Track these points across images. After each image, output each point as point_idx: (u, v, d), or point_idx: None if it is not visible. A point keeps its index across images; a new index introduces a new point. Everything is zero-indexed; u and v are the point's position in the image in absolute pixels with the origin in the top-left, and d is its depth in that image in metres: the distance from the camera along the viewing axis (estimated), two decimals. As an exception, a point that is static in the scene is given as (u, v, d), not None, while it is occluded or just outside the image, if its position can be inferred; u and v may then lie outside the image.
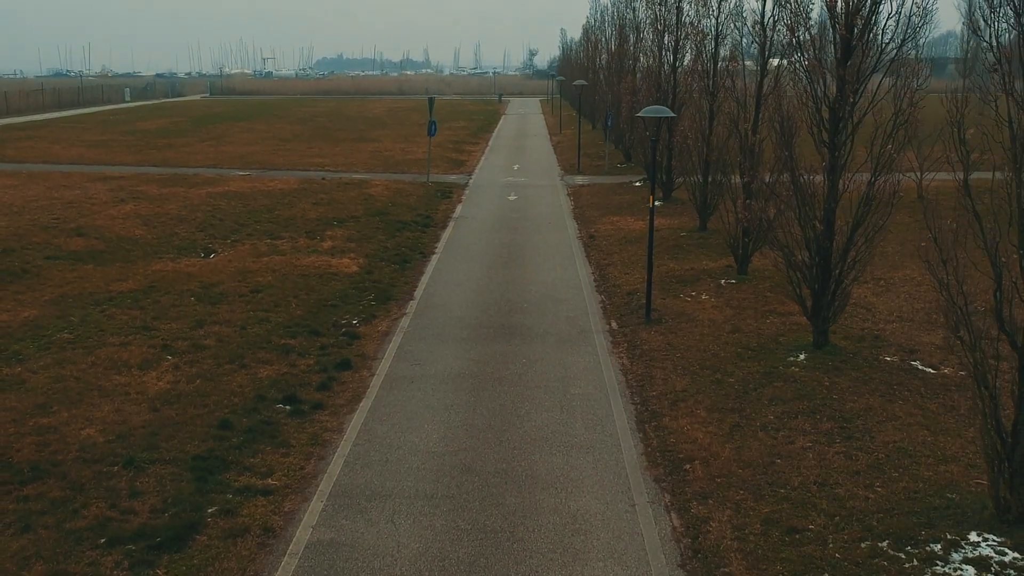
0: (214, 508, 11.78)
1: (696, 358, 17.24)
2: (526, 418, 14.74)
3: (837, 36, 15.60)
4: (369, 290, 22.82)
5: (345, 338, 18.95)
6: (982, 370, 10.62)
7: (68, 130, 64.96)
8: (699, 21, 27.86)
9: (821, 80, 15.98)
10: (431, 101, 43.10)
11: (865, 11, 15.24)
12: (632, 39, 46.68)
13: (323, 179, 42.22)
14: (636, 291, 22.27)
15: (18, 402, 14.87)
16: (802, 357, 16.77)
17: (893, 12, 15.42)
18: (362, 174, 44.73)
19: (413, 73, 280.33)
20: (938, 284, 11.19)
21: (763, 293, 21.35)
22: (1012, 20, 10.47)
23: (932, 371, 16.32)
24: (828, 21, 15.82)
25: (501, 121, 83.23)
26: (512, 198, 38.03)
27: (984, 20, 10.74)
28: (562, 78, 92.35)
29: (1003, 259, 10.58)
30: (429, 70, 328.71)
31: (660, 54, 33.87)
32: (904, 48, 15.62)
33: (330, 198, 36.33)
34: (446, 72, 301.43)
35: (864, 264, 16.94)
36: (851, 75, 15.66)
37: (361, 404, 15.40)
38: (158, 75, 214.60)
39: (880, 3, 15.32)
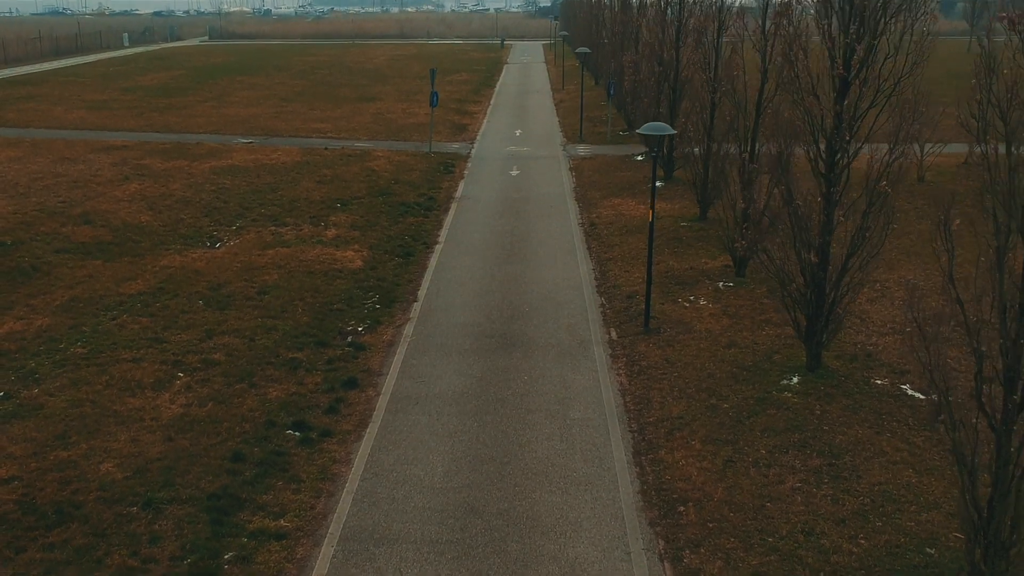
0: (230, 554, 12.41)
1: (693, 378, 17.75)
2: (527, 448, 15.30)
3: (835, 74, 15.77)
4: (373, 290, 23.26)
5: (351, 349, 19.45)
6: (961, 449, 11.10)
7: (68, 87, 64.66)
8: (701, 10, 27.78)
9: (818, 114, 16.19)
10: (432, 73, 42.98)
11: (861, 52, 15.38)
12: (636, 4, 46.33)
13: (325, 149, 42.30)
14: (636, 293, 22.69)
15: (38, 431, 15.44)
16: (795, 381, 17.28)
17: (890, 53, 15.57)
18: (364, 142, 44.79)
19: (414, 10, 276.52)
20: (921, 365, 11.56)
21: (760, 299, 21.76)
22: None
23: (921, 397, 16.83)
24: (827, 56, 15.97)
25: (503, 72, 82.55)
26: (514, 173, 38.18)
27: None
28: (564, 33, 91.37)
29: (984, 347, 10.93)
30: (430, 6, 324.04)
31: (663, 32, 33.71)
32: (900, 85, 15.79)
33: (333, 174, 36.52)
34: (447, 8, 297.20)
35: (858, 291, 17.35)
36: (848, 112, 15.88)
37: (368, 430, 15.96)
38: (156, 14, 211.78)
39: (875, 48, 15.46)
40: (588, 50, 50.78)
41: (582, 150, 43.68)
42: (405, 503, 13.72)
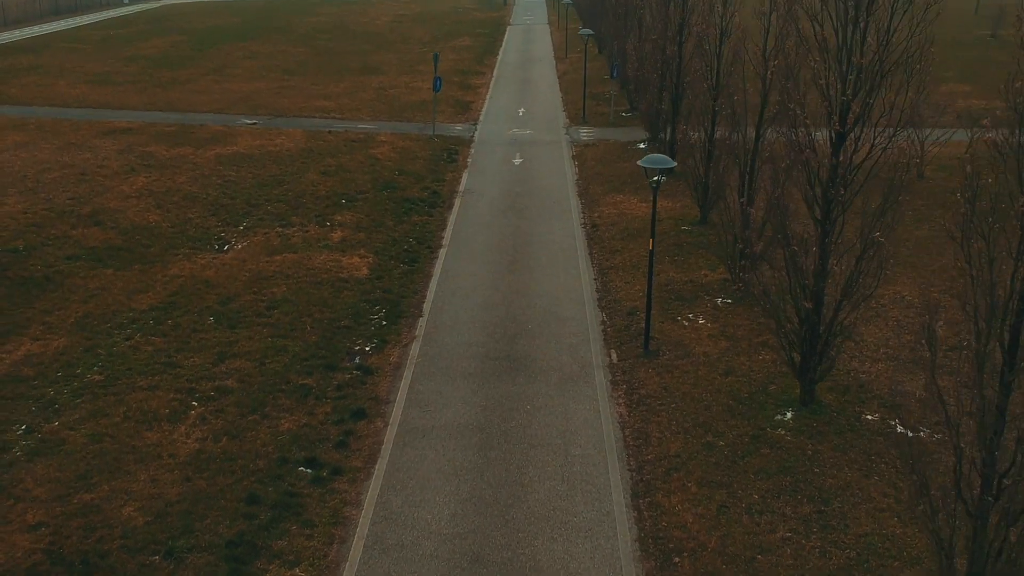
0: (249, 608, 13.13)
1: (690, 410, 18.36)
2: (530, 489, 15.97)
3: (832, 129, 16.12)
4: (379, 303, 23.79)
5: (359, 373, 20.05)
6: (939, 537, 11.70)
7: (70, 55, 64.31)
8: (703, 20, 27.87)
9: (815, 165, 16.57)
10: (436, 57, 43.06)
11: (858, 110, 15.73)
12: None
13: (329, 133, 42.48)
14: (636, 309, 23.20)
15: (61, 471, 16.10)
16: (789, 416, 17.88)
17: (886, 112, 15.92)
18: (367, 123, 44.94)
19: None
20: (902, 461, 12.15)
21: (757, 318, 22.25)
22: None
23: (910, 433, 17.41)
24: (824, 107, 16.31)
25: (506, 36, 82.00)
26: (517, 162, 38.43)
27: None
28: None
29: (963, 444, 11.49)
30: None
31: (665, 27, 33.73)
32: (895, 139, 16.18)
33: (337, 164, 36.79)
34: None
35: (851, 332, 17.88)
36: (844, 164, 16.26)
37: (377, 466, 16.63)
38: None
39: (872, 106, 15.80)
40: (592, 32, 50.55)
41: (585, 134, 43.83)
42: (413, 550, 14.42)
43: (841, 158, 16.16)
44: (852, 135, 16.13)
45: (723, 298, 23.70)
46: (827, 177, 16.49)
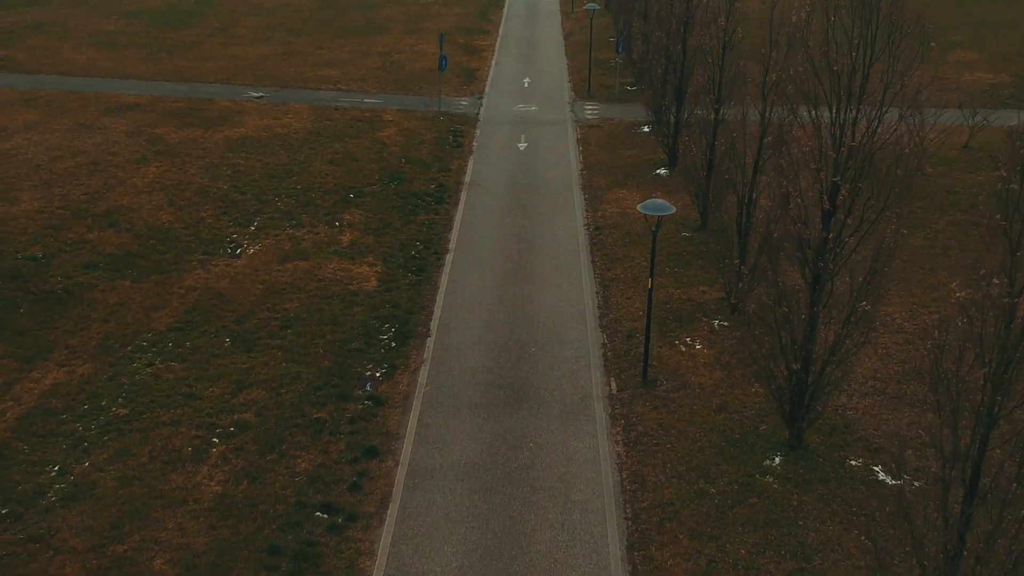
0: (274, 669, 14.35)
1: (684, 452, 19.39)
2: (532, 538, 17.09)
3: (822, 207, 16.79)
4: (388, 320, 24.68)
5: (370, 403, 21.07)
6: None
7: (73, 11, 63.87)
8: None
9: (807, 237, 17.27)
10: (441, 37, 43.17)
11: (845, 192, 16.39)
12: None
13: (336, 110, 42.80)
14: (635, 331, 24.08)
15: (94, 519, 17.22)
16: (777, 462, 18.91)
17: (873, 194, 16.57)
18: (373, 98, 45.22)
19: None
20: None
21: (751, 343, 23.14)
22: None
23: (890, 482, 18.47)
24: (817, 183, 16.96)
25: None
26: (522, 147, 38.91)
27: None
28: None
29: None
30: None
31: (671, 23, 33.85)
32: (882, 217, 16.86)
33: (345, 151, 37.26)
34: None
35: (837, 386, 18.82)
36: (833, 238, 16.97)
37: (389, 511, 17.74)
38: None
39: (859, 189, 16.44)
40: (597, 6, 50.30)
41: (589, 111, 44.11)
42: (424, 606, 15.60)
43: (831, 234, 16.86)
44: (842, 211, 16.81)
45: (720, 320, 24.55)
46: (815, 252, 17.22)
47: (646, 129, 40.27)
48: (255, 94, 45.36)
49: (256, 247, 28.78)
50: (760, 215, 22.63)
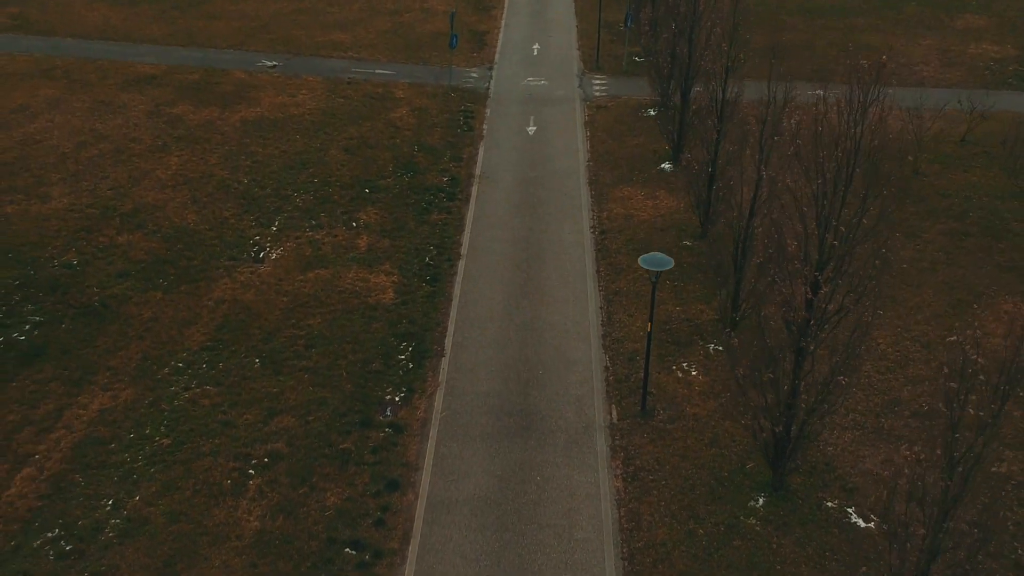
0: None
1: (677, 489, 21.36)
2: (539, 577, 19.25)
3: (805, 295, 18.33)
4: (405, 336, 26.41)
5: (391, 432, 22.98)
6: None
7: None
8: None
9: (792, 319, 18.86)
10: (452, 16, 43.69)
11: (823, 281, 17.93)
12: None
13: (348, 84, 43.69)
14: (636, 353, 25.83)
15: (149, 556, 19.29)
16: (760, 503, 20.88)
17: (852, 288, 18.08)
18: (385, 68, 46.03)
19: None
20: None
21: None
22: None
23: (862, 524, 20.46)
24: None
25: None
26: (531, 131, 40.01)
27: None
28: None
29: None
30: None
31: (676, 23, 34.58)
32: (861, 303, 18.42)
33: (360, 137, 38.36)
34: None
35: (814, 439, 20.67)
36: (816, 316, 18.56)
37: (410, 548, 19.81)
38: None
39: (839, 278, 17.95)
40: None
41: (598, 87, 44.94)
42: (443, 646, 17.79)
43: (812, 320, 18.46)
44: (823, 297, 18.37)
45: (715, 345, 26.25)
46: (799, 331, 18.83)
47: (652, 112, 41.22)
48: (268, 63, 46.11)
49: (278, 251, 30.32)
50: (757, 240, 24.02)
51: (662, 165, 36.64)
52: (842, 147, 17.58)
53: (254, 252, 30.26)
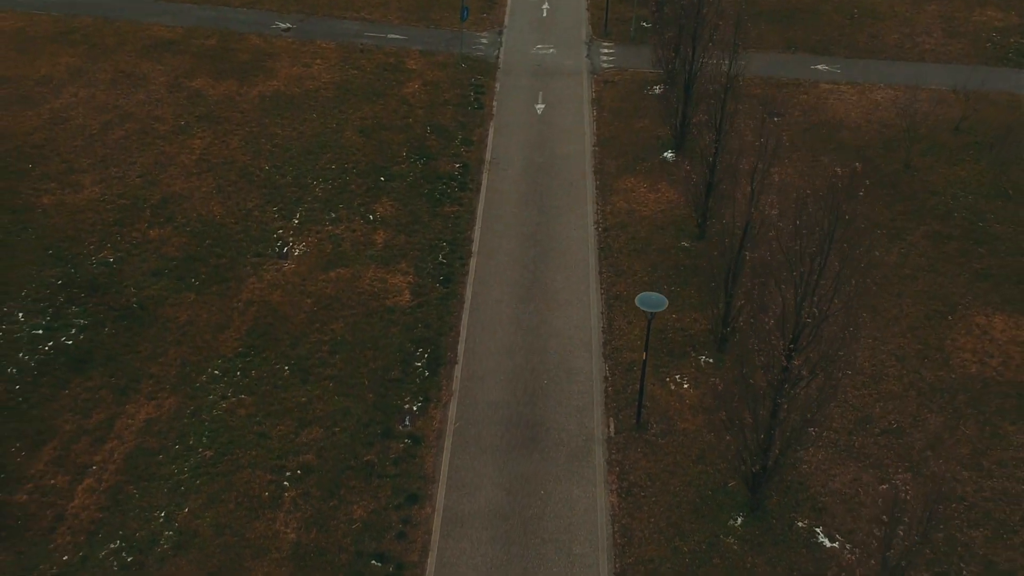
0: None
1: (666, 506, 23.96)
2: (541, 592, 22.02)
3: (780, 365, 20.47)
4: (421, 342, 28.68)
5: (409, 443, 25.48)
6: None
7: None
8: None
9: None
10: (463, -4, 44.69)
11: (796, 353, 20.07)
12: None
13: (361, 51, 44.75)
14: (634, 363, 28.11)
15: (200, 569, 21.99)
16: (739, 522, 23.50)
17: (822, 356, 20.19)
18: (397, 32, 46.99)
19: None
20: None
21: (731, 383, 27.12)
22: None
23: (827, 544, 23.10)
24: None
25: None
26: (539, 108, 41.40)
27: None
28: None
29: None
30: None
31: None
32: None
33: (373, 117, 39.75)
34: None
35: (789, 468, 23.14)
36: (790, 378, 20.78)
37: (429, 560, 22.52)
38: None
39: (806, 348, 20.06)
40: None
41: (605, 57, 45.96)
42: (458, 656, 20.68)
43: (787, 384, 20.68)
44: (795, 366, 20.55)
45: (706, 356, 28.49)
46: (775, 389, 21.06)
47: (657, 90, 42.41)
48: (283, 25, 47.00)
49: (301, 247, 32.30)
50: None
51: (664, 154, 38.19)
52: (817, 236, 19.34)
53: (278, 247, 32.26)
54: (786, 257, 19.97)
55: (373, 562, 22.48)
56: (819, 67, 45.19)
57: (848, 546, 22.96)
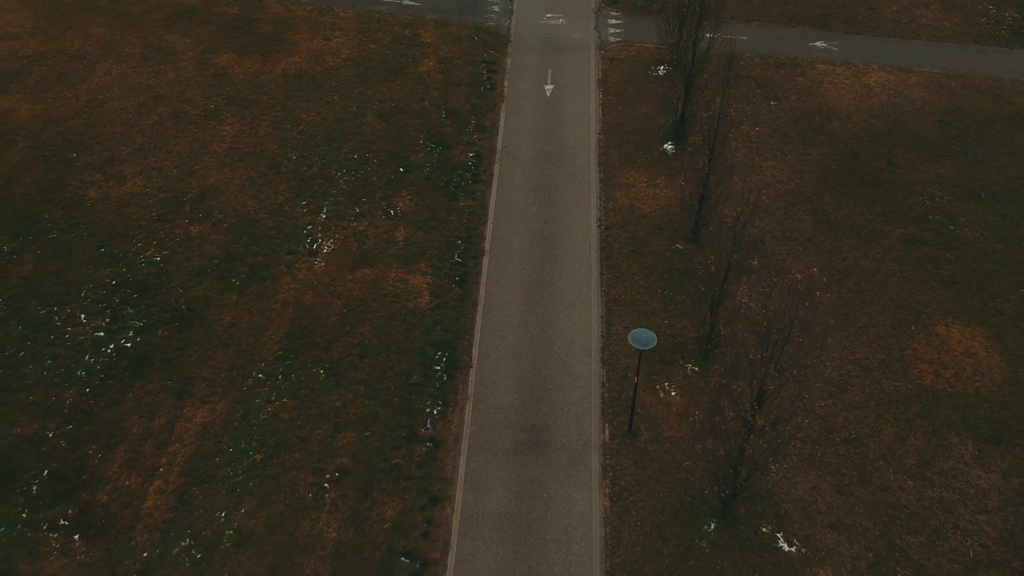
0: None
1: (651, 510, 28.01)
2: (543, 588, 26.32)
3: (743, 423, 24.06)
4: (440, 346, 32.24)
5: (431, 446, 29.38)
6: None
7: None
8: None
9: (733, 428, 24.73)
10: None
11: (761, 408, 23.64)
12: None
13: (378, 22, 46.59)
14: (629, 369, 31.74)
15: (259, 566, 26.14)
16: (712, 528, 27.58)
17: (788, 404, 23.72)
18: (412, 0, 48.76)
19: None
20: None
21: (712, 393, 30.77)
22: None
23: (786, 548, 27.24)
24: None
25: None
26: (548, 89, 43.68)
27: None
28: None
29: None
30: None
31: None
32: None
33: (391, 100, 42.10)
34: None
35: (761, 487, 27.08)
36: (750, 453, 24.43)
37: (449, 557, 26.70)
38: None
39: (769, 400, 23.57)
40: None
41: (613, 27, 47.76)
42: (475, 644, 25.13)
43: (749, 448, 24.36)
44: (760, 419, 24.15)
45: (692, 364, 32.07)
46: (740, 440, 24.76)
47: (662, 71, 44.50)
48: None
49: (329, 243, 35.45)
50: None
51: (664, 145, 40.76)
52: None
53: (308, 244, 35.41)
54: (756, 337, 23.30)
55: (402, 559, 26.70)
56: (817, 44, 47.10)
57: (804, 550, 27.14)
